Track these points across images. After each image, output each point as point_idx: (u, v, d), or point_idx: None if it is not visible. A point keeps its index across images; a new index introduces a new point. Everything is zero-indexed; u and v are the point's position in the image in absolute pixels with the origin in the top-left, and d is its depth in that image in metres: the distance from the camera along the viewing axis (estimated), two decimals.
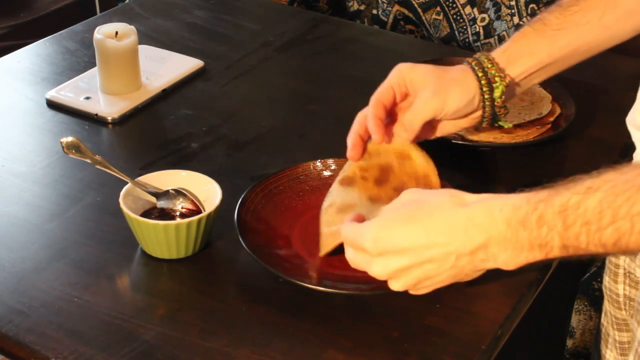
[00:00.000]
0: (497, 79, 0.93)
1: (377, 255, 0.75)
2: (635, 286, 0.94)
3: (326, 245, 0.88)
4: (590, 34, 0.95)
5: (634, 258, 0.91)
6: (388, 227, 0.76)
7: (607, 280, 0.98)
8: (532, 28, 0.95)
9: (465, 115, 0.94)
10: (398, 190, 0.90)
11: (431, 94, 0.91)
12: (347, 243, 0.79)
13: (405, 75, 0.93)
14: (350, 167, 0.95)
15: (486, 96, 0.93)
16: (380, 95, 0.93)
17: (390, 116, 0.95)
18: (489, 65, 0.93)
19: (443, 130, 0.97)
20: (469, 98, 0.92)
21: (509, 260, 0.73)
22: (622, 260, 0.95)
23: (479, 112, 0.94)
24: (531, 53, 0.94)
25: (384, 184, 0.93)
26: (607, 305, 1.01)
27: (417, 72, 0.93)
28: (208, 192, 0.93)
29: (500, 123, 0.98)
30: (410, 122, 0.91)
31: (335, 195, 0.92)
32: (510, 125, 1.10)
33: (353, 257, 0.79)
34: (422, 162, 0.95)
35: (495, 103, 0.93)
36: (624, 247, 0.69)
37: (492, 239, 0.72)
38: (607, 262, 0.97)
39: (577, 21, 0.93)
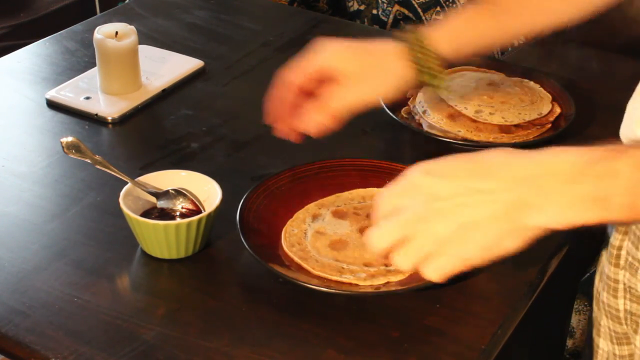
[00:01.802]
0: (436, 69, 0.90)
1: (426, 187, 0.66)
2: (637, 301, 0.93)
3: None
4: (537, 18, 0.94)
5: (635, 273, 0.90)
6: (444, 161, 0.69)
7: (605, 295, 0.97)
8: (483, 8, 0.92)
9: (395, 96, 0.93)
10: None
11: (356, 83, 0.87)
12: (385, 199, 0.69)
13: (323, 61, 0.89)
14: (345, 204, 0.96)
15: (420, 82, 0.91)
16: (292, 75, 0.89)
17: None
18: (429, 55, 0.89)
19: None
20: (398, 85, 0.90)
21: (567, 207, 0.63)
22: (622, 276, 0.94)
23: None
24: (481, 37, 0.92)
25: None
26: (604, 320, 0.99)
27: (346, 61, 0.88)
28: (208, 192, 0.93)
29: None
30: (335, 110, 0.88)
31: (327, 223, 0.94)
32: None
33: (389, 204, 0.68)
34: None
35: (435, 86, 0.92)
36: None
37: (546, 176, 0.64)
38: (605, 277, 0.96)
39: (527, 5, 0.93)
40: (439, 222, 0.66)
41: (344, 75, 0.89)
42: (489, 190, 0.64)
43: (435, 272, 0.68)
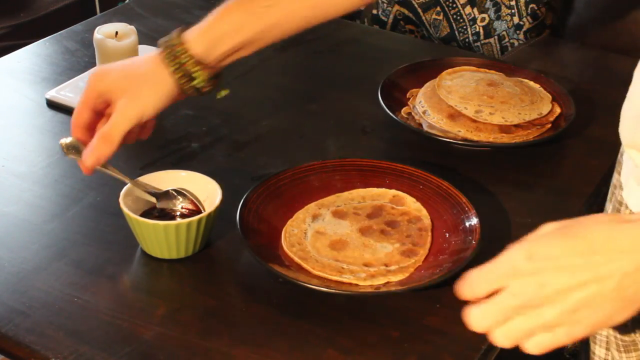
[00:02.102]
0: (195, 71, 0.90)
1: (530, 274, 0.62)
2: None
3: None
4: (300, 12, 0.94)
5: None
6: (544, 242, 0.63)
7: None
8: (237, 4, 0.92)
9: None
10: (389, 224, 0.92)
11: (126, 103, 0.89)
12: (478, 283, 0.64)
13: (97, 88, 0.91)
14: (345, 204, 0.97)
15: (186, 87, 0.91)
16: (77, 119, 0.92)
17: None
18: (185, 60, 0.90)
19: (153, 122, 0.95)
20: (168, 95, 0.91)
21: None
22: None
23: (189, 92, 0.92)
24: (237, 31, 0.91)
25: (376, 217, 0.95)
26: (606, 330, 0.98)
27: (107, 81, 0.90)
28: (208, 192, 0.93)
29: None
30: (109, 134, 0.89)
31: (327, 223, 0.94)
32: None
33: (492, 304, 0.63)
34: (415, 207, 0.96)
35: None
36: None
37: None
38: None
39: None
40: (548, 309, 0.63)
41: (114, 101, 0.90)
42: (595, 268, 0.62)
43: (538, 346, 0.65)
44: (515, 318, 0.63)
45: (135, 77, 0.90)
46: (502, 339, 0.64)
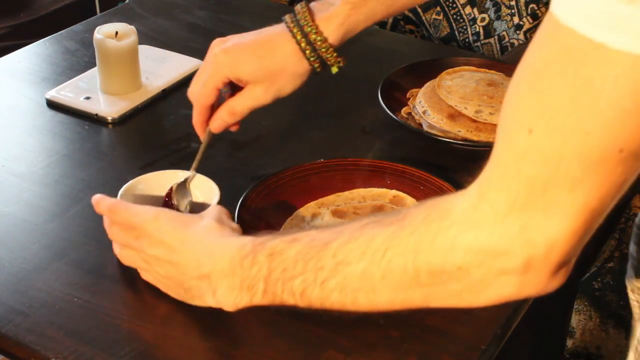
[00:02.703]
0: (331, 59, 0.94)
1: (139, 237, 0.81)
2: None
3: None
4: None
5: None
6: (167, 220, 0.80)
7: None
8: None
9: None
10: None
11: (262, 89, 0.92)
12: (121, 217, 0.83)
13: (227, 73, 0.93)
14: (345, 204, 0.97)
15: (319, 71, 0.95)
16: (204, 99, 0.94)
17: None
18: (324, 49, 0.93)
19: None
20: (302, 83, 0.95)
21: (225, 296, 0.76)
22: None
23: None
24: (368, 20, 0.95)
25: None
26: None
27: (241, 70, 0.92)
28: (206, 192, 0.93)
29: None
30: (236, 110, 0.93)
31: (326, 223, 0.94)
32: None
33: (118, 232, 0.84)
34: (414, 204, 0.96)
35: (330, 70, 0.95)
36: (308, 298, 0.72)
37: (214, 272, 0.76)
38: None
39: None
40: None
41: (244, 82, 0.93)
42: (180, 266, 0.80)
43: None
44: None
45: (272, 67, 0.93)
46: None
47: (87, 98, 1.19)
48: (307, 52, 0.93)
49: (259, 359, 0.79)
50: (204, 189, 0.93)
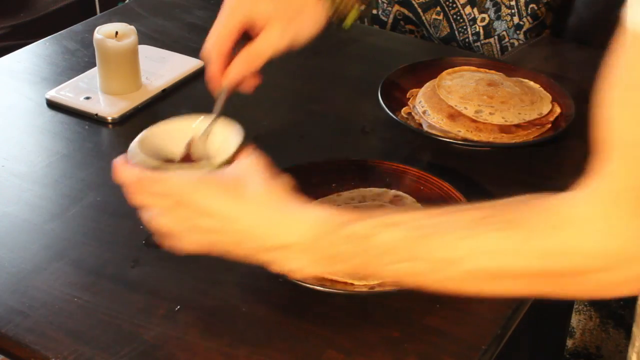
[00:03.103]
0: (350, 7, 0.92)
1: (181, 205, 0.74)
2: None
3: None
4: None
5: None
6: (214, 185, 0.74)
7: None
8: None
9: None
10: None
11: (280, 27, 0.88)
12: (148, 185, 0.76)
13: (243, 13, 0.89)
14: (345, 204, 0.96)
15: (336, 21, 0.93)
16: (221, 45, 0.89)
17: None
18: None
19: None
20: (320, 26, 0.92)
21: (302, 268, 0.73)
22: None
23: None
24: None
25: None
26: None
27: (256, 7, 0.89)
28: (228, 138, 0.87)
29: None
30: (257, 52, 0.88)
31: None
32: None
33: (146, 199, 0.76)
34: (415, 207, 0.96)
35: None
36: (406, 282, 0.71)
37: (294, 245, 0.72)
38: None
39: None
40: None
41: (260, 26, 0.89)
42: (242, 237, 0.74)
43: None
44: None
45: (289, 7, 0.90)
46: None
47: (87, 98, 1.19)
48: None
49: (259, 359, 0.79)
50: (226, 135, 0.87)
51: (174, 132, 0.89)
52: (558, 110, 1.17)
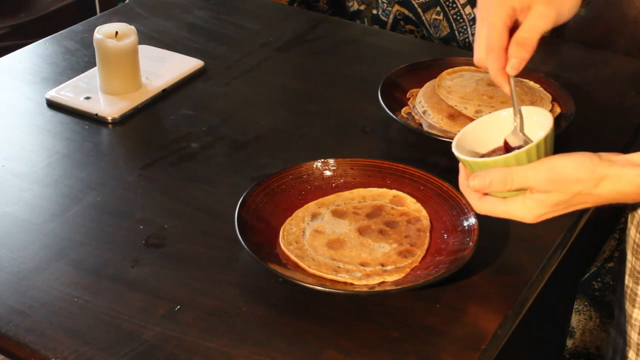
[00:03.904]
0: None
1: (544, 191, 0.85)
2: None
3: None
4: None
5: None
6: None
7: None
8: None
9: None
10: (388, 224, 0.93)
11: (543, 6, 0.89)
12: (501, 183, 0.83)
13: (513, 5, 0.90)
14: (345, 204, 0.97)
15: None
16: (498, 41, 0.90)
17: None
18: None
19: None
20: (579, 5, 0.91)
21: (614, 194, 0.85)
22: None
23: None
24: None
25: (375, 217, 0.95)
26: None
27: None
28: (537, 125, 0.90)
29: None
30: (527, 38, 0.89)
31: (326, 222, 0.94)
32: None
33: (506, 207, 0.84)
34: (415, 207, 0.96)
35: None
36: None
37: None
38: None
39: None
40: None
41: (525, 7, 0.90)
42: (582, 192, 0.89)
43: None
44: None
45: None
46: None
47: (87, 98, 1.19)
48: None
49: (259, 359, 0.79)
50: (534, 119, 0.90)
51: (484, 129, 0.90)
52: (558, 110, 1.17)
